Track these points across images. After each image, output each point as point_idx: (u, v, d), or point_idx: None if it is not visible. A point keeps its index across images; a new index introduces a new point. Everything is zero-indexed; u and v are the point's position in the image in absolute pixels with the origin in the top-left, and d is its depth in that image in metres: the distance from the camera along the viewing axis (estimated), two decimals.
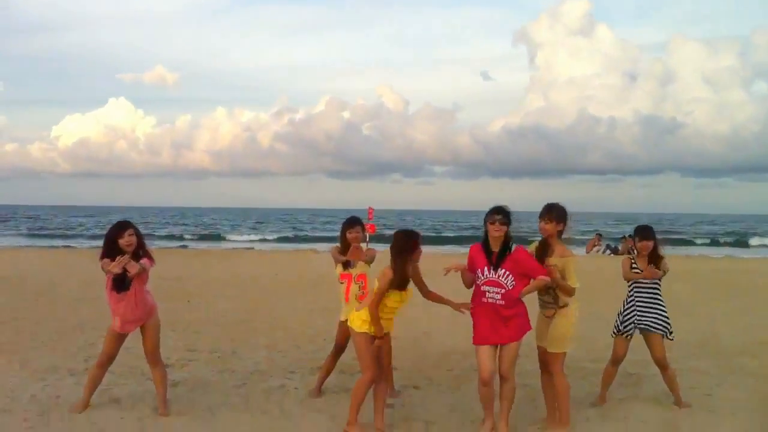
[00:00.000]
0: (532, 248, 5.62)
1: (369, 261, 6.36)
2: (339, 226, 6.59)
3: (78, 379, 6.92)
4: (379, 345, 5.39)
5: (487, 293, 5.29)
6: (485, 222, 5.33)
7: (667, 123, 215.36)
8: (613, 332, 6.36)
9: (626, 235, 34.57)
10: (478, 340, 5.36)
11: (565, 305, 5.52)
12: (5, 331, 9.50)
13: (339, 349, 6.52)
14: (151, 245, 6.56)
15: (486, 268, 5.29)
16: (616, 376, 6.47)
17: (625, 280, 6.33)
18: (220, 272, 19.02)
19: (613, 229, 62.07)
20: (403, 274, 5.31)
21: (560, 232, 5.54)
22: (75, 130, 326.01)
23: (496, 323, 5.27)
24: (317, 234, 55.58)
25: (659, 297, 6.24)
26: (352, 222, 6.45)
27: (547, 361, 5.64)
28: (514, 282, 5.24)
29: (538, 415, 5.95)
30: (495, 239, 5.28)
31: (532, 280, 5.29)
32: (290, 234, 54.41)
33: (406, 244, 5.36)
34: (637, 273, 6.22)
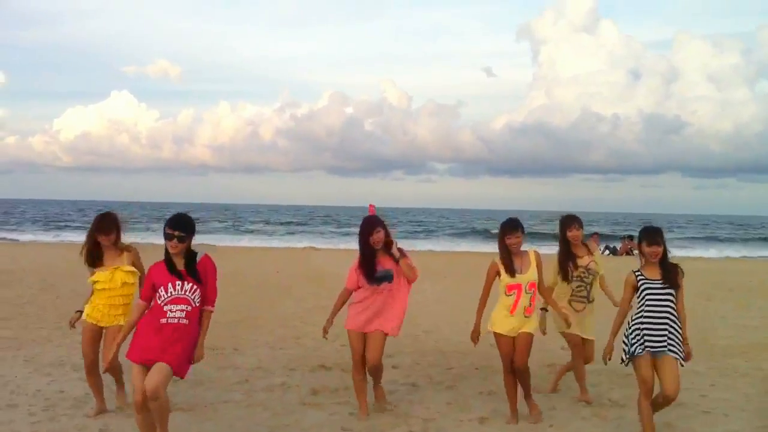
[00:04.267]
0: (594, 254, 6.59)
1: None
2: (337, 224, 6.63)
3: (82, 375, 7.02)
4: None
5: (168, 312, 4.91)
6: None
7: (670, 121, 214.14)
8: (623, 358, 5.30)
9: (625, 236, 34.55)
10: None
11: (593, 300, 6.46)
12: (11, 327, 9.60)
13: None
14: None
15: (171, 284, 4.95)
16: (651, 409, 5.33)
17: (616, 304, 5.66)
18: (221, 269, 19.05)
19: (614, 227, 62.39)
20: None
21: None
22: (77, 123, 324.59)
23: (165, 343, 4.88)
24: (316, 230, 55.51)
25: (675, 314, 5.19)
26: None
27: (587, 348, 6.52)
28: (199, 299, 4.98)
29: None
30: (174, 255, 5.09)
31: None
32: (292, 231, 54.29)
33: None
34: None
